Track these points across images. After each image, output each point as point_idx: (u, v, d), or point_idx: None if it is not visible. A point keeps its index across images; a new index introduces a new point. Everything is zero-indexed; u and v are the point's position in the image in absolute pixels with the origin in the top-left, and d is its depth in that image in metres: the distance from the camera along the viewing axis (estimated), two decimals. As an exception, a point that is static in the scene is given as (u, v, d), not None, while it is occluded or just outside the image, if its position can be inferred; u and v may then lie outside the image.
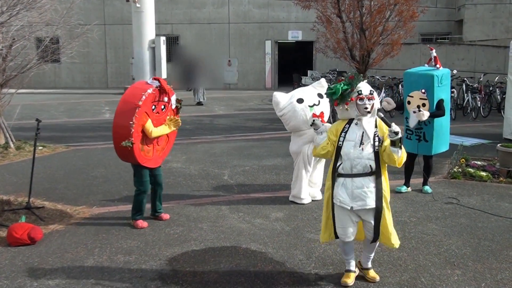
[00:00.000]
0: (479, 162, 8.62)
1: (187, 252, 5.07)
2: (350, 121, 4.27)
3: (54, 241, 5.38)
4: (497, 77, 16.58)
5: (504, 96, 13.98)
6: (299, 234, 5.57)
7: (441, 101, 6.93)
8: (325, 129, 4.43)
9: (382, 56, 13.34)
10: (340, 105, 4.23)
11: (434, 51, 7.42)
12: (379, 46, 13.39)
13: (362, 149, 4.12)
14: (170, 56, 23.75)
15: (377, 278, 4.41)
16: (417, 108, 6.81)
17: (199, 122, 14.31)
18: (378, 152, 4.13)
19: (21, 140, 10.55)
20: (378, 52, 13.50)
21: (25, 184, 7.02)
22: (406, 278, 4.48)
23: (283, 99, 6.60)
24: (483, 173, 7.98)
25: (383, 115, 4.15)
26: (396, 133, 3.94)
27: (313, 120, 4.51)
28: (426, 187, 7.29)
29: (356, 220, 4.25)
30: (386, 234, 4.27)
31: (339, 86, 4.16)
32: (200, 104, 19.28)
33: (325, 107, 6.58)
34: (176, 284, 4.37)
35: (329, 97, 4.29)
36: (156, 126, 5.74)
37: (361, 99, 4.14)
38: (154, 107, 5.67)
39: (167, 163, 8.84)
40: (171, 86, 5.90)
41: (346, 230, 4.24)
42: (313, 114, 6.29)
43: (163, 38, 24.16)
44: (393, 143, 3.99)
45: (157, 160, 6.00)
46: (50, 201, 6.76)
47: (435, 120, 6.92)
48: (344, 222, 4.24)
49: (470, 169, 8.15)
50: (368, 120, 4.20)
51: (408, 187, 7.37)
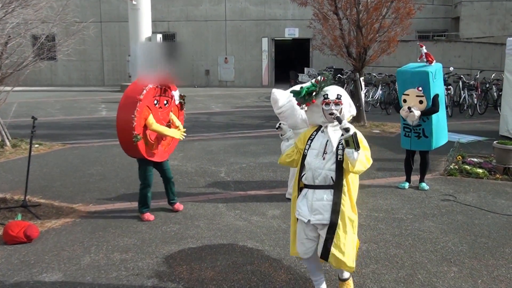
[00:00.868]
0: (475, 159, 8.64)
1: (183, 250, 5.07)
2: (318, 128, 3.92)
3: (51, 239, 5.37)
4: (493, 74, 16.63)
5: (500, 93, 14.02)
6: (296, 231, 5.56)
7: (435, 97, 6.94)
8: (292, 136, 4.10)
9: (378, 53, 13.33)
10: (301, 106, 3.94)
11: (424, 47, 7.43)
12: (375, 43, 13.37)
13: (324, 158, 3.74)
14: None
15: None
16: (407, 109, 6.81)
17: (195, 120, 14.30)
18: (341, 162, 3.69)
19: (17, 138, 10.53)
20: (374, 49, 13.49)
21: (21, 182, 7.00)
22: (403, 275, 4.48)
23: (281, 96, 6.58)
24: (480, 170, 8.00)
25: (339, 114, 3.74)
26: (346, 130, 3.51)
27: (278, 124, 4.08)
28: (423, 184, 7.30)
29: (314, 235, 3.82)
30: (338, 255, 3.68)
31: (306, 87, 3.86)
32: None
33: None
34: (172, 281, 4.36)
35: (295, 96, 3.96)
36: (158, 120, 5.81)
37: (327, 104, 3.76)
38: (156, 102, 5.77)
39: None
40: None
41: (303, 246, 3.86)
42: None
43: (159, 36, 24.15)
44: (347, 143, 3.52)
45: (163, 154, 6.10)
46: (46, 199, 6.75)
47: (432, 116, 6.93)
48: (301, 236, 3.87)
49: (466, 166, 8.17)
50: (334, 128, 3.79)
51: (410, 183, 7.39)
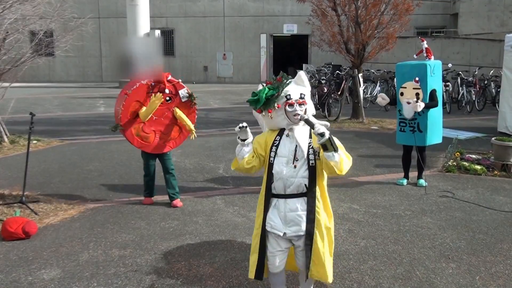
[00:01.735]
0: (473, 156, 8.65)
1: (182, 246, 5.07)
2: (281, 132, 3.52)
3: (49, 235, 5.37)
4: (492, 71, 16.65)
5: (498, 89, 14.04)
6: (294, 227, 5.56)
7: (433, 91, 6.96)
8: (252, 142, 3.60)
9: (377, 50, 13.33)
10: (263, 113, 3.51)
11: (425, 42, 7.45)
12: (374, 39, 13.36)
13: (295, 166, 3.40)
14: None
15: None
16: (415, 98, 6.82)
17: (194, 116, 14.26)
18: (315, 167, 3.42)
19: (15, 134, 10.52)
20: (373, 46, 13.48)
21: (19, 178, 6.99)
22: (401, 271, 4.49)
23: None
24: (478, 167, 8.00)
25: (307, 117, 3.38)
26: (321, 135, 3.20)
27: (239, 127, 3.51)
28: (421, 181, 7.31)
29: (287, 246, 3.58)
30: (318, 267, 3.48)
31: (263, 92, 3.43)
32: None
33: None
34: (171, 278, 4.36)
35: (252, 105, 3.52)
36: (158, 115, 6.12)
37: (291, 105, 3.40)
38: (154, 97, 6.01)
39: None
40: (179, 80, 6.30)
41: (277, 259, 3.55)
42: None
43: (157, 32, 24.11)
44: (325, 147, 3.23)
45: (160, 146, 6.22)
46: (44, 195, 6.75)
47: (429, 111, 6.94)
48: (274, 249, 3.54)
49: (464, 163, 8.18)
50: (300, 130, 3.46)
51: (408, 179, 7.40)
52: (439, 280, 4.32)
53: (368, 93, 16.95)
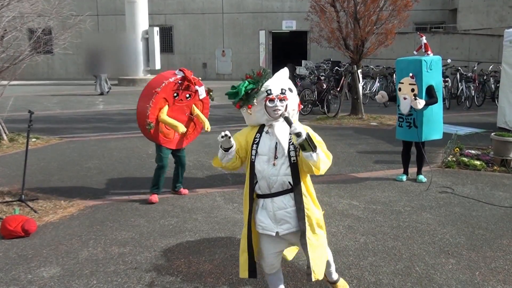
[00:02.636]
0: (473, 151, 8.65)
1: (181, 243, 5.07)
2: (260, 129, 3.44)
3: (48, 233, 5.36)
4: (491, 66, 16.63)
5: (498, 85, 14.03)
6: (294, 224, 5.56)
7: (431, 88, 6.95)
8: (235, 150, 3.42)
9: (376, 46, 13.31)
10: (244, 108, 3.40)
11: (424, 37, 7.46)
12: (373, 35, 13.35)
13: (274, 164, 3.33)
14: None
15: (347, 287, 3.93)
16: (413, 96, 6.82)
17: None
18: (297, 163, 3.33)
19: (14, 132, 10.51)
20: (372, 42, 13.47)
21: (18, 176, 6.99)
22: (401, 267, 4.49)
23: None
24: (477, 162, 8.00)
25: (287, 114, 3.30)
26: (297, 135, 3.08)
27: (222, 136, 3.25)
28: (421, 176, 7.31)
29: (282, 248, 3.57)
30: (318, 264, 3.42)
31: (242, 85, 3.34)
32: (102, 94, 19.79)
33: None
34: (171, 275, 4.36)
35: (231, 98, 3.41)
36: (178, 112, 6.25)
37: (271, 100, 3.30)
38: (176, 95, 6.18)
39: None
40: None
41: (273, 260, 3.55)
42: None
43: (156, 29, 24.09)
44: (303, 147, 3.13)
45: (179, 142, 6.46)
46: (44, 193, 6.74)
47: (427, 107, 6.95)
48: (270, 251, 3.51)
49: (464, 158, 8.17)
50: (280, 127, 3.34)
51: (408, 175, 7.40)
52: (438, 276, 4.32)
53: (367, 89, 16.94)
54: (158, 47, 24.12)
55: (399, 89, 7.08)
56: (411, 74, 6.87)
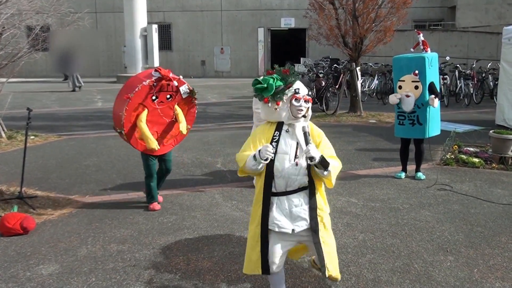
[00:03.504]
0: (471, 149, 8.66)
1: (180, 241, 5.07)
2: (278, 127, 3.45)
3: (47, 230, 5.36)
4: (489, 64, 16.63)
5: (496, 82, 14.03)
6: (292, 221, 5.56)
7: (432, 84, 6.96)
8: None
9: (375, 43, 13.30)
10: (270, 104, 3.38)
11: (421, 35, 7.46)
12: (372, 33, 13.34)
13: (297, 163, 3.36)
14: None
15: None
16: (433, 95, 6.79)
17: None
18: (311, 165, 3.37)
19: (13, 130, 10.50)
20: (371, 39, 13.46)
21: (17, 174, 6.98)
22: (399, 265, 4.50)
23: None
24: (476, 160, 8.01)
25: (307, 130, 3.36)
26: (311, 159, 3.19)
27: (266, 159, 3.29)
28: (419, 174, 7.32)
29: (289, 247, 3.59)
30: (333, 262, 3.54)
31: (272, 81, 3.34)
32: (74, 90, 19.97)
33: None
34: (169, 272, 4.37)
35: (258, 92, 3.39)
36: (159, 116, 5.78)
37: (297, 100, 3.36)
38: (155, 97, 5.70)
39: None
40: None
41: (280, 259, 3.51)
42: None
43: (155, 26, 24.05)
44: (316, 166, 3.27)
45: (163, 147, 5.93)
46: (42, 191, 6.74)
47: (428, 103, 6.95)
48: (277, 250, 3.49)
49: (462, 156, 8.18)
50: (300, 126, 3.41)
51: (406, 172, 7.41)
52: (437, 273, 4.33)
53: (366, 87, 16.93)
54: (157, 44, 24.09)
55: (399, 87, 7.05)
56: (416, 72, 6.84)
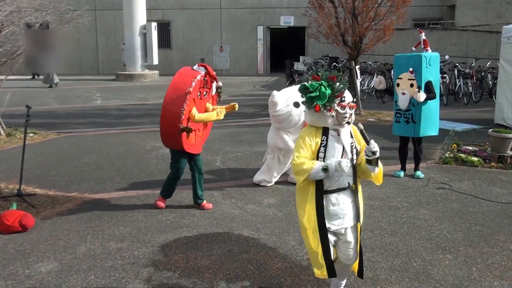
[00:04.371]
0: (470, 148, 8.66)
1: (179, 239, 5.07)
2: (325, 132, 3.54)
3: (46, 228, 5.36)
4: (488, 63, 16.63)
5: (495, 81, 14.02)
6: (291, 220, 5.57)
7: (429, 83, 6.97)
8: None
9: (374, 42, 13.31)
10: (323, 111, 3.47)
11: (423, 34, 7.47)
12: (371, 31, 13.34)
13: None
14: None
15: None
16: (417, 89, 6.84)
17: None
18: (354, 166, 3.58)
19: (12, 127, 10.49)
20: (370, 38, 13.46)
21: (16, 171, 6.97)
22: (398, 263, 4.50)
23: (281, 100, 6.42)
24: (475, 158, 8.02)
25: (362, 128, 3.52)
26: (373, 153, 3.39)
27: (345, 170, 3.42)
28: (418, 172, 7.32)
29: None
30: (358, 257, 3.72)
31: (324, 89, 3.45)
32: (51, 86, 19.99)
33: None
34: (168, 270, 4.37)
35: (309, 101, 3.49)
36: (199, 111, 5.71)
37: (343, 107, 3.47)
38: (199, 93, 5.67)
39: (160, 149, 8.82)
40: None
41: (346, 252, 3.68)
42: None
43: (154, 24, 24.03)
44: (370, 161, 3.44)
45: (199, 146, 6.01)
46: (41, 188, 6.73)
47: (425, 102, 6.96)
48: (340, 245, 3.67)
49: (461, 155, 8.19)
50: (346, 132, 3.57)
51: (405, 171, 7.42)
52: (436, 272, 4.34)
53: (365, 85, 16.93)
54: (156, 42, 24.06)
55: (397, 85, 7.10)
56: (410, 69, 6.89)
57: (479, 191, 6.67)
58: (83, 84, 20.60)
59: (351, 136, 3.59)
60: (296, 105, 6.38)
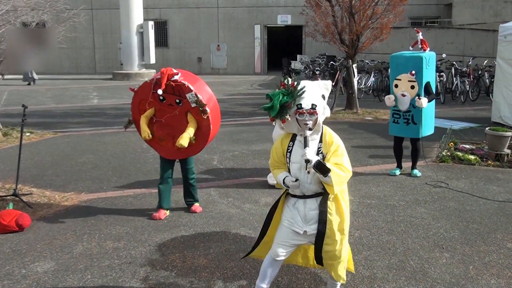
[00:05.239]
0: (467, 146, 8.67)
1: (176, 238, 5.06)
2: (293, 137, 3.54)
3: (43, 227, 5.35)
4: (485, 61, 16.64)
5: (492, 80, 14.05)
6: (288, 218, 5.56)
7: (428, 84, 6.96)
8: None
9: (371, 40, 13.30)
10: (276, 122, 3.53)
11: (420, 33, 7.43)
12: (368, 30, 13.34)
13: (308, 172, 3.42)
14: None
15: None
16: (417, 97, 6.81)
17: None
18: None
19: (8, 127, 10.47)
20: (367, 36, 13.46)
21: (12, 171, 6.96)
22: (395, 261, 4.50)
23: None
24: (472, 157, 8.02)
25: (307, 135, 3.40)
26: (306, 162, 3.32)
27: (294, 181, 3.44)
28: (415, 171, 7.32)
29: (298, 243, 3.65)
30: (334, 263, 3.60)
31: (277, 99, 3.39)
32: (30, 84, 20.23)
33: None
34: (165, 269, 4.36)
35: (268, 112, 3.47)
36: (173, 120, 5.41)
37: (301, 114, 3.38)
38: (162, 98, 5.31)
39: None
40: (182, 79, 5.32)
41: (284, 249, 3.60)
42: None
43: (151, 23, 23.98)
44: (317, 168, 3.32)
45: (173, 153, 5.59)
46: (38, 188, 6.72)
47: None
48: (286, 240, 3.59)
49: (458, 153, 8.19)
50: (312, 137, 3.46)
51: (401, 168, 7.41)
52: (433, 270, 4.34)
53: (362, 84, 16.93)
54: (153, 41, 24.02)
55: (395, 86, 7.04)
56: (413, 72, 6.82)
57: (476, 189, 6.67)
58: (79, 83, 20.57)
59: (320, 141, 3.47)
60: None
